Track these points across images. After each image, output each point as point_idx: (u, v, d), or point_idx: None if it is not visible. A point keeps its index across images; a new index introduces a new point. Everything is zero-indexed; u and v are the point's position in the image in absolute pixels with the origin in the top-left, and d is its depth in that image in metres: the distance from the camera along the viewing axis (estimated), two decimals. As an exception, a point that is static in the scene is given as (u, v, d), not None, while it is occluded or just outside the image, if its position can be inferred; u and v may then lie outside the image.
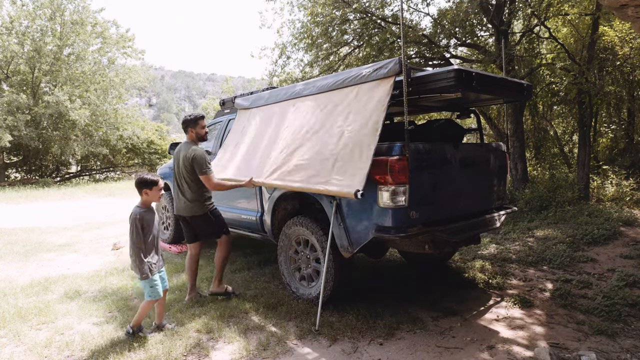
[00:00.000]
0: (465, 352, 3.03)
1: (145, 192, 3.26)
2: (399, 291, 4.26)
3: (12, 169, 20.52)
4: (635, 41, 8.45)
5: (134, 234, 3.14)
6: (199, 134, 4.02)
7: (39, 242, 6.99)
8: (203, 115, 4.07)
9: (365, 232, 3.34)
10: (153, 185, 3.26)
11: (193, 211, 3.96)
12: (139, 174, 3.35)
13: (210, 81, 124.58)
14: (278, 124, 4.24)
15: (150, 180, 3.27)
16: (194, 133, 4.01)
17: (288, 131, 4.02)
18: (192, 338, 3.26)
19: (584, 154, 8.81)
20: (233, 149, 4.74)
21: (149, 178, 3.27)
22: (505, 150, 4.41)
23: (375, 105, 3.25)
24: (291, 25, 10.51)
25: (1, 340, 3.34)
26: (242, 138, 4.70)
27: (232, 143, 4.84)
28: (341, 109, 3.55)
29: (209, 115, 28.31)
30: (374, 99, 3.29)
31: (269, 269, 5.09)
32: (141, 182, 3.27)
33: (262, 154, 4.20)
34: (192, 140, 4.02)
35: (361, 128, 3.26)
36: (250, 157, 4.35)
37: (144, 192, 3.25)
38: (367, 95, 3.37)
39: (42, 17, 18.79)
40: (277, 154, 3.95)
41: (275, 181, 3.79)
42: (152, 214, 3.31)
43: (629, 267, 4.73)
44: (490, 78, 3.49)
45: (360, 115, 3.33)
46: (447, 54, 9.45)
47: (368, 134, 3.18)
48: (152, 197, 3.28)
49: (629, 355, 2.97)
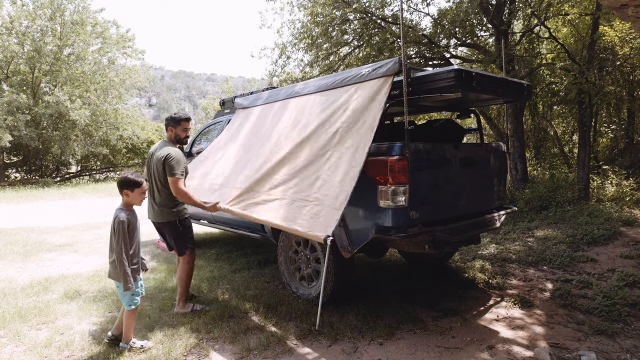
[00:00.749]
0: (465, 352, 3.03)
1: (125, 194, 3.03)
2: (399, 291, 4.26)
3: (12, 169, 20.52)
4: (635, 41, 8.45)
5: (121, 240, 2.92)
6: (179, 136, 3.79)
7: (39, 242, 6.99)
8: (189, 118, 3.82)
9: (365, 232, 3.34)
10: (135, 187, 3.03)
11: (161, 217, 3.68)
12: (123, 174, 3.12)
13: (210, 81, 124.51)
14: (273, 122, 4.25)
15: (132, 181, 3.03)
16: (174, 134, 3.78)
17: (278, 131, 4.01)
18: (192, 338, 3.26)
19: (584, 154, 8.81)
20: (223, 146, 4.73)
21: (131, 179, 3.03)
22: (505, 150, 4.41)
23: (373, 103, 3.25)
24: (291, 25, 10.53)
25: (1, 340, 3.33)
26: (235, 137, 4.70)
27: (223, 140, 4.85)
28: (338, 105, 3.56)
29: (209, 115, 28.31)
30: (372, 97, 3.29)
31: (269, 269, 5.09)
32: (122, 183, 3.04)
33: (247, 158, 4.13)
34: (169, 140, 3.79)
35: (357, 125, 3.25)
36: (235, 160, 4.31)
37: (125, 193, 3.03)
38: (366, 94, 3.37)
39: (42, 17, 18.79)
40: (261, 161, 3.86)
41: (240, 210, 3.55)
42: (136, 216, 3.12)
43: (629, 267, 4.74)
44: (490, 78, 3.50)
45: (357, 113, 3.33)
46: (447, 54, 9.45)
47: (364, 132, 3.16)
48: (133, 200, 3.06)
49: (629, 355, 2.97)
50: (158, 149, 3.67)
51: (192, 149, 6.15)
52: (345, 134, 3.30)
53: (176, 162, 3.54)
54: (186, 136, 3.83)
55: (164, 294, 4.27)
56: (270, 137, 4.07)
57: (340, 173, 3.12)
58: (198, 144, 6.17)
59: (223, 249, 6.15)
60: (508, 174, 4.52)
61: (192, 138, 6.37)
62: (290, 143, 3.69)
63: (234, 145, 4.59)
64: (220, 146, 4.79)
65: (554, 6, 7.86)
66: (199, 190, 4.23)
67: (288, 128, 3.92)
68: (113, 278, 3.03)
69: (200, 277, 4.79)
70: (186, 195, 3.58)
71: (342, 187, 3.03)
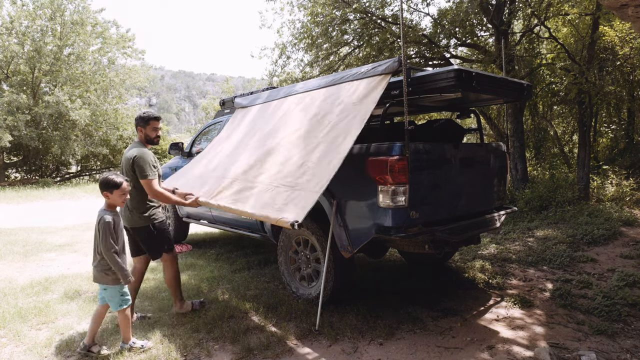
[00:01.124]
0: (465, 352, 3.03)
1: (106, 195, 2.97)
2: (399, 291, 4.26)
3: (12, 169, 20.53)
4: (635, 41, 8.45)
5: (109, 240, 2.89)
6: (149, 136, 3.58)
7: (39, 242, 6.99)
8: (158, 117, 3.62)
9: (365, 232, 3.34)
10: (114, 188, 2.96)
11: (133, 221, 3.49)
12: (104, 174, 3.07)
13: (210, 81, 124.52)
14: (269, 118, 4.26)
15: (111, 182, 2.95)
16: (143, 134, 3.58)
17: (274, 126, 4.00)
18: (192, 338, 3.26)
19: (584, 154, 8.81)
20: (221, 142, 4.73)
21: (111, 179, 2.96)
22: (505, 150, 4.41)
23: (368, 98, 3.24)
24: (291, 25, 10.53)
25: (1, 340, 3.33)
26: (232, 134, 4.71)
27: (221, 137, 4.86)
28: (334, 100, 3.57)
29: (209, 115, 28.29)
30: (368, 92, 3.28)
31: (269, 269, 5.09)
32: (101, 184, 2.98)
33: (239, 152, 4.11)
34: (139, 141, 3.61)
35: (348, 118, 3.24)
36: (227, 154, 4.30)
37: (105, 194, 2.97)
38: (362, 89, 3.37)
39: (42, 17, 18.80)
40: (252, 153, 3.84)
41: (223, 203, 3.46)
42: (119, 217, 3.10)
43: (629, 267, 4.74)
44: (490, 78, 3.50)
45: (350, 106, 3.33)
46: (447, 54, 9.45)
47: (354, 124, 3.13)
48: (114, 201, 2.99)
49: (629, 355, 2.97)
50: (127, 150, 3.54)
51: (192, 149, 6.15)
52: (336, 126, 3.29)
53: (144, 162, 3.37)
54: (157, 136, 3.63)
55: (164, 294, 4.27)
56: (264, 131, 4.07)
57: (325, 161, 3.08)
58: (198, 144, 6.17)
59: (223, 249, 6.15)
60: (508, 174, 4.52)
61: (192, 138, 6.37)
62: (284, 136, 3.69)
63: (230, 141, 4.60)
64: (219, 143, 4.80)
65: (554, 6, 7.86)
66: (195, 185, 4.17)
67: (284, 123, 3.92)
68: (99, 282, 2.99)
69: (200, 277, 4.79)
70: (163, 196, 3.48)
71: (324, 173, 2.97)
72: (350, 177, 3.41)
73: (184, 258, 5.67)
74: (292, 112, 3.97)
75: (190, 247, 6.33)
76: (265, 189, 3.30)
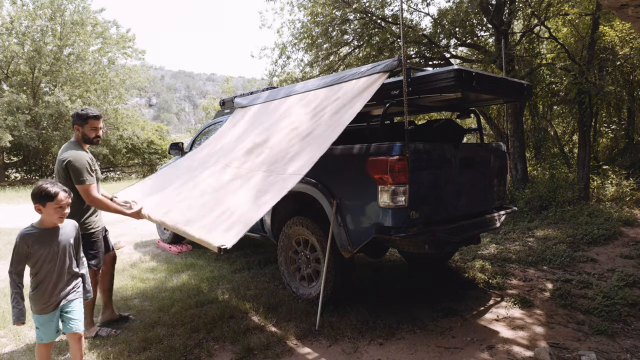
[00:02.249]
0: (465, 352, 3.03)
1: (37, 208, 2.38)
2: (399, 291, 4.26)
3: (12, 169, 20.55)
4: (635, 41, 8.44)
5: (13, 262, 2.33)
6: (87, 136, 3.25)
7: (39, 242, 6.98)
8: (98, 115, 3.29)
9: (365, 232, 3.34)
10: (47, 200, 2.34)
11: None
12: (37, 183, 2.43)
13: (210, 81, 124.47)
14: (266, 117, 4.26)
15: (44, 193, 2.34)
16: (81, 133, 3.25)
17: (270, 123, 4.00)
18: (192, 338, 3.26)
19: (584, 154, 8.81)
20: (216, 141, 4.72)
21: (44, 190, 2.34)
22: (505, 150, 4.41)
23: (364, 93, 3.24)
24: (291, 25, 10.54)
25: (1, 340, 3.34)
26: (230, 132, 4.71)
27: (217, 135, 4.85)
28: (331, 96, 3.58)
29: (209, 115, 28.29)
30: (365, 88, 3.29)
31: (269, 269, 5.09)
32: (32, 195, 2.38)
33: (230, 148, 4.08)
34: (76, 141, 3.27)
35: (341, 112, 3.24)
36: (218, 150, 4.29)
37: (36, 207, 2.38)
38: (359, 86, 3.37)
39: (42, 17, 18.83)
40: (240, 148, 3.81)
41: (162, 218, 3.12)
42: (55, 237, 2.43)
43: (629, 267, 4.74)
44: (490, 78, 3.50)
45: (344, 101, 3.34)
46: (447, 54, 9.45)
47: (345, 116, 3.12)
48: (48, 216, 2.38)
49: (629, 355, 2.97)
50: (61, 151, 3.20)
51: (193, 149, 6.15)
52: (328, 119, 3.30)
53: (80, 165, 3.07)
54: (96, 136, 3.29)
55: (164, 294, 4.28)
56: (258, 129, 4.06)
57: (311, 149, 3.04)
58: (198, 144, 6.17)
59: (223, 249, 6.13)
60: (508, 174, 4.52)
61: (192, 138, 6.37)
62: (278, 132, 3.68)
63: (226, 138, 4.60)
64: (217, 141, 4.80)
65: (554, 6, 7.86)
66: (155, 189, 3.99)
67: (280, 121, 3.91)
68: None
69: (200, 277, 4.79)
70: (102, 203, 3.18)
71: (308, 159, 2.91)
72: (350, 177, 3.41)
73: (184, 258, 5.67)
74: (291, 111, 3.96)
75: (190, 247, 6.33)
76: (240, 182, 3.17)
